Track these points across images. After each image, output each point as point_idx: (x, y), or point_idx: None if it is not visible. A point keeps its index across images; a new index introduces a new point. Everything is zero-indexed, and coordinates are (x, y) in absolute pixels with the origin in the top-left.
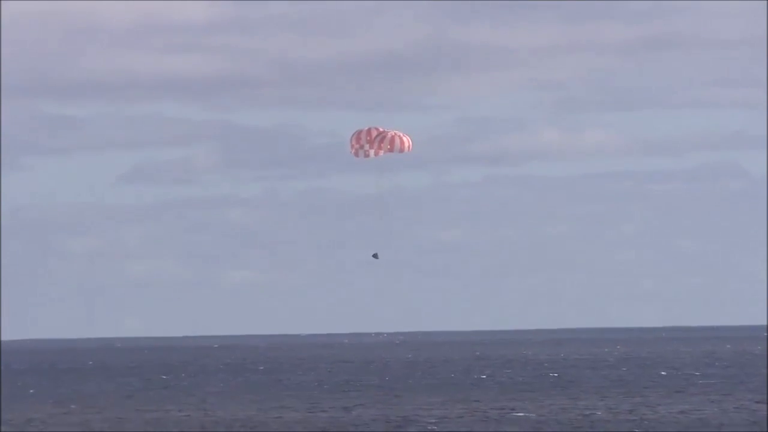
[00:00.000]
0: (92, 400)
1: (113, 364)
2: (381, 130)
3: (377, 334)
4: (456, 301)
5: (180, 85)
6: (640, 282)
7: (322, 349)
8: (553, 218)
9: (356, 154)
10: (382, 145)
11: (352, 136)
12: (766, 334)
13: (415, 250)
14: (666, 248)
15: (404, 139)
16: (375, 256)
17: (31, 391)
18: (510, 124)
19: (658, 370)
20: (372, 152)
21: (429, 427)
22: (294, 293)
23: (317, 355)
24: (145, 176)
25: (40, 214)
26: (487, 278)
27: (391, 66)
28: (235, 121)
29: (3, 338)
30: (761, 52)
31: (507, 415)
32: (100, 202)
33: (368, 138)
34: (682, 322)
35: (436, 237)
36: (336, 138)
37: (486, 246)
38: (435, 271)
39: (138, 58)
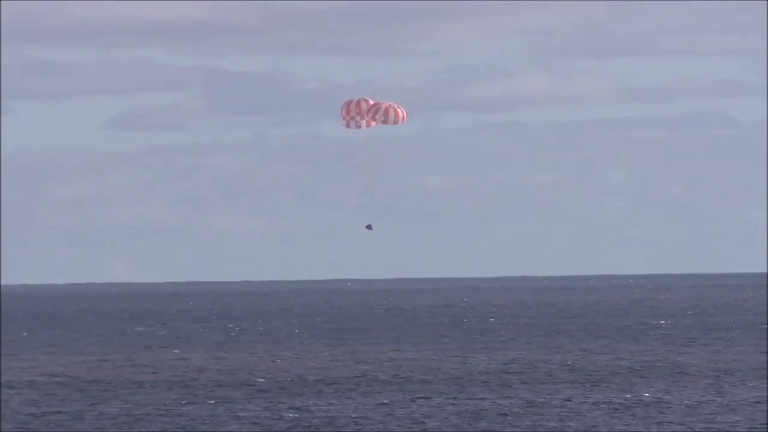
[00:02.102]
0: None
1: (112, 311)
2: (372, 103)
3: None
4: (444, 248)
5: (168, 31)
6: (628, 229)
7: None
8: (542, 165)
9: (347, 125)
10: (376, 116)
11: (342, 106)
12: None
13: (403, 196)
14: (654, 196)
15: (399, 110)
16: (369, 227)
17: (24, 334)
18: (498, 71)
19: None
20: (363, 123)
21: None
22: (281, 239)
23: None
24: (133, 122)
25: (28, 159)
26: (475, 225)
27: (380, 12)
28: (223, 66)
29: None
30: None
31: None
32: (87, 148)
33: (358, 110)
34: (669, 270)
35: (425, 184)
36: (324, 84)
37: (474, 193)
38: (423, 218)
39: (126, 4)
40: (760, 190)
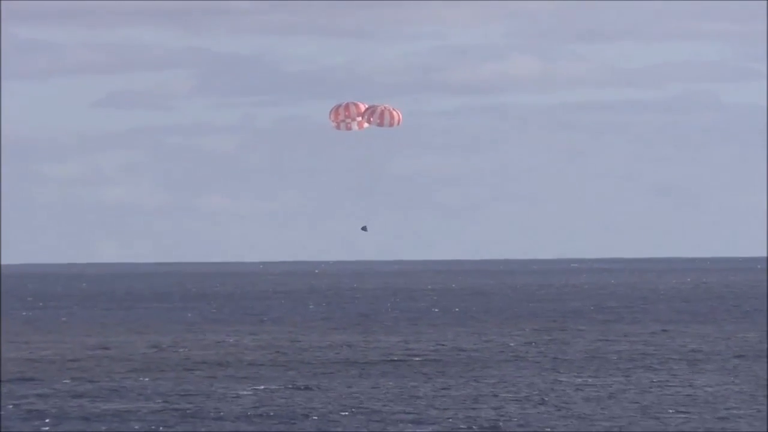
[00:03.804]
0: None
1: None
2: (364, 106)
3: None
4: (431, 231)
5: (157, 12)
6: (617, 213)
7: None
8: (530, 148)
9: (338, 128)
10: (371, 119)
11: (331, 110)
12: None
13: (390, 179)
14: (643, 179)
15: (394, 113)
16: (364, 228)
17: (25, 313)
18: (487, 53)
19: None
20: (355, 125)
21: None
22: (269, 221)
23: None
24: (121, 102)
25: (15, 139)
26: (463, 208)
27: None
28: (212, 47)
29: None
30: None
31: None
32: (76, 128)
33: (347, 113)
34: (657, 254)
35: (412, 166)
36: (312, 65)
37: (462, 176)
38: (410, 200)
39: None
40: (749, 173)
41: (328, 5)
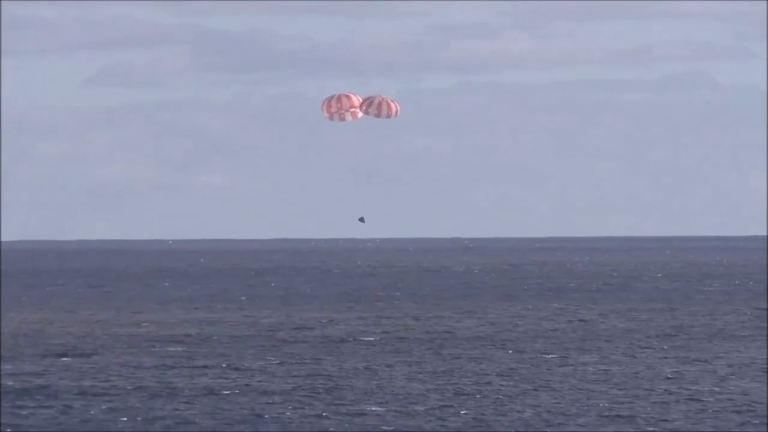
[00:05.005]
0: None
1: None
2: (357, 98)
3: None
4: (425, 209)
5: None
6: (610, 191)
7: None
8: (524, 127)
9: (331, 119)
10: (369, 110)
11: (323, 102)
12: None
13: (385, 157)
14: (636, 158)
15: (392, 104)
16: (361, 219)
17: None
18: (481, 32)
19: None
20: (348, 115)
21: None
22: (262, 199)
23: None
24: (114, 79)
25: (9, 116)
26: (458, 186)
27: None
28: (206, 24)
29: None
30: None
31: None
32: (68, 105)
33: (339, 105)
34: (651, 233)
35: (407, 144)
36: (306, 43)
37: (456, 154)
38: (405, 179)
39: None
40: (741, 152)
41: None
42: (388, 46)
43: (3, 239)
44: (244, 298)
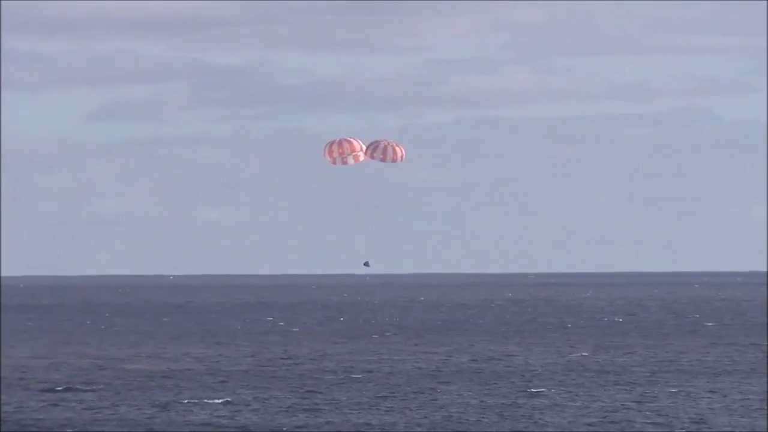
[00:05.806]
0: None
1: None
2: (358, 143)
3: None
4: (426, 244)
5: (152, 24)
6: (610, 226)
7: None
8: (524, 161)
9: (334, 163)
10: (374, 154)
11: (325, 148)
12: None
13: (386, 192)
14: (637, 193)
15: (398, 148)
16: (366, 264)
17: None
18: (481, 66)
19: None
20: (351, 159)
21: None
22: (263, 233)
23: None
24: (116, 113)
25: (9, 150)
26: (458, 221)
27: (361, 6)
28: (207, 59)
29: None
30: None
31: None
32: (69, 139)
33: (340, 150)
34: (651, 268)
35: (407, 179)
36: (307, 78)
37: (457, 189)
38: (406, 213)
39: None
40: (743, 187)
41: (323, 18)
42: (389, 80)
43: (3, 274)
44: (240, 330)
